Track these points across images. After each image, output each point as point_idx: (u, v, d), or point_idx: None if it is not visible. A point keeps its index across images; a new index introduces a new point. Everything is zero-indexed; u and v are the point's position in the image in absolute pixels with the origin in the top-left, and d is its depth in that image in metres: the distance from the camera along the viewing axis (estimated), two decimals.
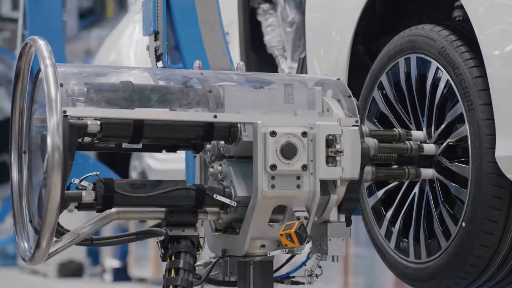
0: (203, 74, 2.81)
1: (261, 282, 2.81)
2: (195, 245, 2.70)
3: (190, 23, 3.31)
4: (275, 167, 2.66)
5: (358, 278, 9.01)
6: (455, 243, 2.86)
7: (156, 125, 2.66)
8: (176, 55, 3.27)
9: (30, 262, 2.62)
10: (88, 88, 2.66)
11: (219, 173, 2.78)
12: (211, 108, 2.73)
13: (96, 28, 14.07)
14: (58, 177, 2.47)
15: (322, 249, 2.80)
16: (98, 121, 2.60)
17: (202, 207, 2.71)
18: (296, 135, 2.68)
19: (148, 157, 4.90)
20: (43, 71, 2.54)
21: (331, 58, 3.36)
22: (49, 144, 2.47)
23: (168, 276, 2.65)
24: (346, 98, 2.84)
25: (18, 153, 2.81)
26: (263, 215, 2.69)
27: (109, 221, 2.68)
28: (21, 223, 2.76)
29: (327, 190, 2.74)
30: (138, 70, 2.95)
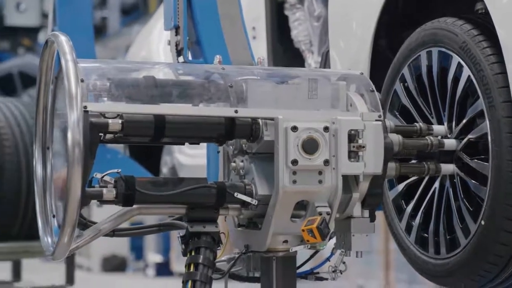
0: (225, 69, 2.80)
1: (284, 278, 2.80)
2: (215, 241, 2.69)
3: (211, 17, 3.30)
4: (296, 162, 2.64)
5: (400, 273, 8.98)
6: (474, 240, 2.83)
7: (177, 123, 2.65)
8: (197, 50, 3.27)
9: (52, 256, 2.63)
10: (110, 83, 2.66)
11: (241, 169, 2.78)
12: (233, 103, 2.72)
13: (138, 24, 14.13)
14: (79, 173, 2.48)
15: (345, 244, 2.78)
16: (119, 120, 2.60)
17: (223, 205, 2.70)
18: (317, 130, 2.67)
19: (178, 153, 4.91)
20: (63, 67, 2.55)
21: (353, 52, 3.34)
22: (69, 140, 2.48)
23: (187, 271, 2.65)
24: (369, 92, 2.82)
25: (42, 149, 2.82)
26: (285, 211, 2.68)
27: (130, 216, 2.68)
28: (44, 218, 2.77)
29: (350, 185, 2.72)
30: (159, 65, 2.95)
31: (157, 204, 2.68)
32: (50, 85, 2.79)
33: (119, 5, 15.40)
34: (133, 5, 15.52)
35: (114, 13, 15.35)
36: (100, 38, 14.72)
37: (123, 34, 14.10)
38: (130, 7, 15.59)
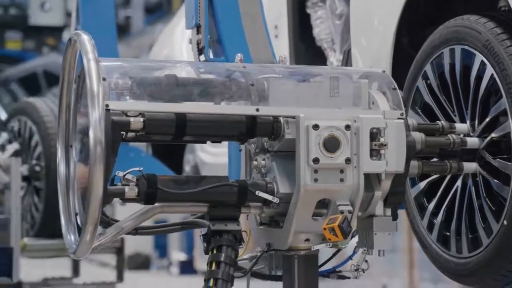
0: (246, 67, 2.80)
1: (306, 276, 2.80)
2: (237, 239, 2.69)
3: (232, 16, 3.31)
4: (317, 161, 2.64)
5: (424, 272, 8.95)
6: (496, 240, 2.81)
7: (198, 122, 2.66)
8: (218, 48, 3.27)
9: (74, 254, 2.65)
10: (131, 81, 2.67)
11: (262, 167, 2.78)
12: (254, 102, 2.72)
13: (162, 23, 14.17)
14: (101, 171, 2.49)
15: (368, 243, 2.77)
16: (141, 118, 2.60)
17: (244, 203, 2.70)
18: (339, 128, 2.66)
19: (200, 151, 4.92)
20: (85, 65, 2.56)
21: (374, 50, 3.33)
22: (91, 138, 2.49)
23: (209, 269, 2.65)
24: (391, 90, 2.81)
25: (65, 147, 2.83)
26: (306, 209, 2.68)
27: (152, 215, 2.69)
28: (68, 216, 2.79)
29: (372, 184, 2.72)
30: (181, 63, 2.95)
31: (179, 202, 2.68)
32: (73, 84, 2.81)
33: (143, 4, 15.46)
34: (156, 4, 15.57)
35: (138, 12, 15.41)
36: (124, 37, 14.78)
37: (147, 33, 14.15)
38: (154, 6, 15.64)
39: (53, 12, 14.60)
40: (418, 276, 9.36)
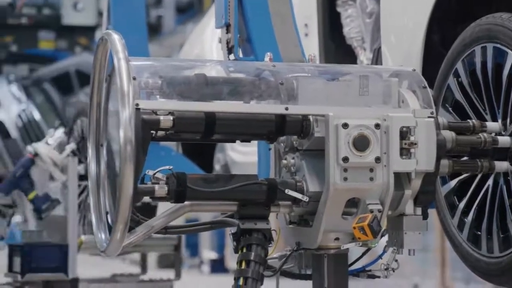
0: (275, 66, 2.80)
1: (335, 275, 2.79)
2: (267, 238, 2.69)
3: (262, 15, 3.31)
4: (347, 160, 2.64)
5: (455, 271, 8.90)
6: None
7: (228, 120, 2.66)
8: (248, 47, 3.27)
9: (105, 253, 2.66)
10: (161, 81, 2.68)
11: (292, 166, 2.77)
12: (283, 101, 2.72)
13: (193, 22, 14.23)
14: (131, 170, 2.50)
15: (398, 242, 2.76)
16: (170, 117, 2.61)
17: (274, 202, 2.70)
18: (369, 127, 2.66)
19: (230, 150, 4.93)
20: (116, 65, 2.57)
21: (405, 48, 3.32)
22: (121, 137, 2.50)
23: (239, 268, 2.65)
24: (422, 89, 2.80)
25: (96, 146, 2.85)
26: (336, 208, 2.68)
27: (182, 213, 2.70)
28: (98, 214, 2.81)
29: (402, 182, 2.71)
30: (211, 63, 2.96)
31: (208, 200, 2.69)
32: (103, 83, 2.82)
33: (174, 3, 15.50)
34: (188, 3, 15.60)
35: (169, 11, 15.45)
36: (156, 37, 14.83)
37: (178, 32, 14.19)
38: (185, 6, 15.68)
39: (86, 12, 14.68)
40: (450, 276, 9.31)
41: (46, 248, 4.33)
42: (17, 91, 12.45)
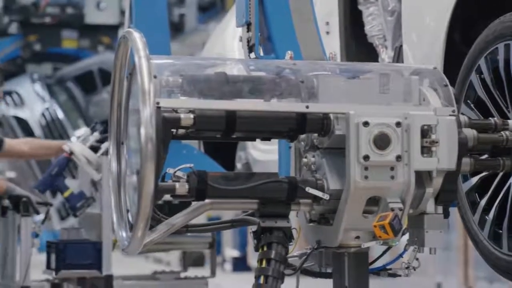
0: (296, 64, 2.80)
1: (356, 274, 2.79)
2: (287, 236, 2.69)
3: (283, 13, 3.30)
4: (368, 158, 2.63)
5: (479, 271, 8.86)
6: None
7: (248, 118, 2.66)
8: (269, 46, 3.27)
9: (126, 251, 2.67)
10: (182, 79, 2.68)
11: (312, 164, 2.77)
12: (304, 99, 2.71)
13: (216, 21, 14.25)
14: (152, 168, 2.51)
15: (419, 241, 2.75)
16: (191, 115, 2.62)
17: (294, 200, 2.70)
18: (389, 125, 2.65)
19: (252, 148, 4.93)
20: (136, 63, 2.58)
21: (426, 46, 3.30)
22: (142, 136, 2.50)
23: (259, 266, 2.65)
24: (443, 87, 2.79)
25: (117, 144, 2.86)
26: (357, 206, 2.67)
27: (203, 211, 2.70)
28: (119, 212, 2.81)
29: (423, 181, 2.70)
30: (231, 61, 2.96)
31: (229, 198, 2.69)
32: (124, 82, 2.83)
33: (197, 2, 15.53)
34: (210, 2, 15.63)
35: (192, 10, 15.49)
36: (178, 35, 14.87)
37: (200, 31, 14.22)
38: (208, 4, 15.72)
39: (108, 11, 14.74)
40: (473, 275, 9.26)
41: (80, 245, 4.37)
42: (41, 90, 12.53)
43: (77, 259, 4.21)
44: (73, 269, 4.20)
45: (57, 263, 4.20)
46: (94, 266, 4.20)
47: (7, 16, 15.14)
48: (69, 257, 4.20)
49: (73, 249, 4.20)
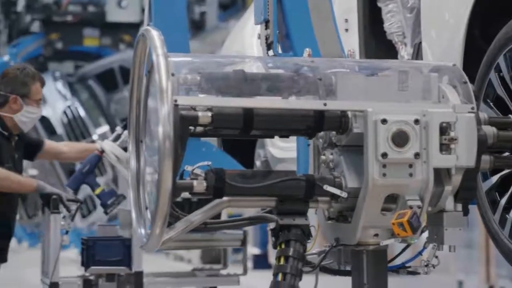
0: (314, 61, 2.79)
1: (375, 272, 2.78)
2: (305, 234, 2.69)
3: (301, 11, 3.29)
4: (386, 155, 2.62)
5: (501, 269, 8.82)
6: None
7: (266, 116, 2.66)
8: (287, 43, 3.26)
9: (144, 248, 2.68)
10: (200, 77, 2.69)
11: (330, 161, 2.77)
12: (321, 96, 2.71)
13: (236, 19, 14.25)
14: (169, 165, 2.51)
15: (438, 238, 2.74)
16: (209, 113, 2.62)
17: (312, 197, 2.69)
18: (408, 122, 2.64)
19: (270, 146, 4.93)
20: (154, 61, 2.58)
21: (445, 43, 3.29)
22: (160, 133, 2.51)
23: (278, 263, 2.65)
24: (462, 84, 2.77)
25: (136, 142, 2.87)
26: (375, 204, 2.66)
27: (220, 209, 2.70)
28: (138, 209, 2.82)
29: (442, 178, 2.69)
30: (249, 59, 2.96)
31: (247, 196, 2.69)
32: (143, 79, 2.84)
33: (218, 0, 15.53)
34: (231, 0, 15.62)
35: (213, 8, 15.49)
36: (199, 33, 14.87)
37: (221, 29, 14.22)
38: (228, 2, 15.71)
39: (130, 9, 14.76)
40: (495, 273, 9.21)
41: (109, 242, 4.39)
42: (63, 88, 12.58)
43: (106, 255, 4.23)
44: (103, 266, 4.22)
45: (87, 259, 4.22)
46: (123, 262, 4.22)
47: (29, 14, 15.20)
48: (99, 254, 4.23)
49: (103, 245, 4.23)
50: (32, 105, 4.33)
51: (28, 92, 4.32)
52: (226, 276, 4.90)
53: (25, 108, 4.30)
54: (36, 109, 4.36)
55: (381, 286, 2.77)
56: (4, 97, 4.31)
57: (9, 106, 4.30)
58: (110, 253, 4.24)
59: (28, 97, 4.32)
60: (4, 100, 4.31)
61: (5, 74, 4.37)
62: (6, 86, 4.32)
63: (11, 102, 4.30)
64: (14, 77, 4.33)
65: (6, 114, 4.30)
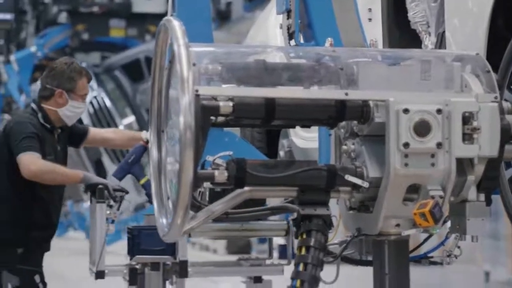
0: (335, 51, 2.78)
1: (396, 262, 2.77)
2: (327, 224, 2.68)
3: (323, 0, 3.27)
4: (408, 145, 2.61)
5: None
6: None
7: (287, 106, 2.65)
8: (309, 33, 3.25)
9: (166, 237, 2.68)
10: (221, 67, 2.68)
11: (352, 151, 2.76)
12: (343, 86, 2.70)
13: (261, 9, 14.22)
14: (191, 155, 2.51)
15: (460, 229, 2.73)
16: (230, 103, 2.62)
17: (333, 187, 2.69)
18: (430, 112, 2.62)
19: (294, 136, 4.92)
20: (176, 51, 2.58)
21: (469, 31, 3.26)
22: (181, 123, 2.51)
23: (299, 253, 2.65)
24: (485, 73, 2.75)
25: (157, 132, 2.87)
26: (397, 194, 2.65)
27: (242, 199, 2.70)
28: (160, 199, 2.82)
29: (465, 168, 2.67)
30: (271, 48, 2.95)
31: (268, 186, 2.69)
32: (164, 70, 2.84)
33: None
34: None
35: None
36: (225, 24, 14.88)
37: (247, 19, 14.21)
38: None
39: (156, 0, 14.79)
40: None
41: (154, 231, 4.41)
42: None
43: (151, 244, 4.25)
44: (147, 255, 4.25)
45: (132, 248, 4.26)
46: (167, 251, 4.25)
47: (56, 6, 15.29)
48: (144, 243, 4.26)
49: (148, 235, 4.25)
50: (77, 100, 4.34)
51: (74, 87, 4.34)
52: (271, 266, 4.90)
53: (70, 102, 4.32)
54: (81, 104, 4.38)
55: (402, 276, 2.76)
56: (50, 91, 4.33)
57: (55, 100, 4.32)
58: (155, 242, 4.26)
59: (73, 92, 4.33)
60: (50, 93, 4.33)
61: (52, 68, 4.38)
62: (53, 80, 4.34)
63: (57, 96, 4.31)
64: (61, 71, 4.34)
65: (51, 107, 4.32)
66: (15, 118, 4.43)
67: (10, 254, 4.21)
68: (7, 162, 4.24)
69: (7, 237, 4.23)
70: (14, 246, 4.23)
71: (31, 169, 4.16)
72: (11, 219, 4.24)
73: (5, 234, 4.23)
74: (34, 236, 4.26)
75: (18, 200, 4.25)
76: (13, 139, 4.22)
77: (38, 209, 4.28)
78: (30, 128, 4.23)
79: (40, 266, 4.31)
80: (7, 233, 4.23)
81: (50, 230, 4.36)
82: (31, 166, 4.16)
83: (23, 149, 4.17)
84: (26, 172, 4.16)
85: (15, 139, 4.21)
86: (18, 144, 4.19)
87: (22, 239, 4.24)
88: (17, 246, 4.22)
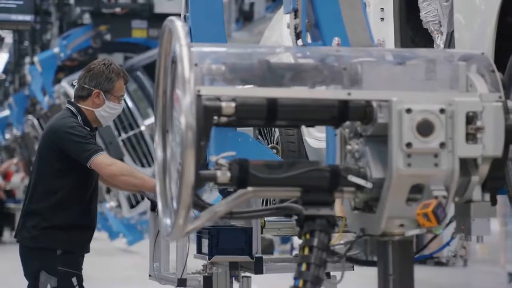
0: (340, 51, 2.77)
1: (400, 262, 2.76)
2: (330, 224, 2.68)
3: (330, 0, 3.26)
4: (410, 145, 2.60)
5: None
6: None
7: (290, 106, 2.64)
8: (316, 33, 3.24)
9: (169, 238, 2.69)
10: (224, 67, 2.68)
11: (356, 151, 2.75)
12: (346, 86, 2.69)
13: None
14: (192, 156, 2.52)
15: (465, 229, 2.71)
16: (233, 103, 2.61)
17: (337, 188, 2.68)
18: (433, 112, 2.61)
19: (306, 136, 4.91)
20: (177, 51, 2.59)
21: (477, 30, 3.24)
22: (182, 124, 2.52)
23: (302, 254, 2.65)
24: (490, 73, 2.73)
25: (162, 132, 2.88)
26: (400, 194, 2.64)
27: (245, 199, 2.69)
28: (164, 200, 2.83)
29: (469, 168, 2.65)
30: (276, 48, 2.95)
31: (270, 187, 2.69)
32: (168, 70, 2.84)
33: None
34: None
35: None
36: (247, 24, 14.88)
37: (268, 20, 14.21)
38: None
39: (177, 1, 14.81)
40: None
41: (232, 230, 4.45)
42: None
43: (230, 244, 4.28)
44: (226, 254, 4.29)
45: (211, 248, 4.29)
46: (245, 251, 4.28)
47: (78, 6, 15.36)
48: (222, 242, 4.28)
49: (226, 234, 4.28)
50: (114, 101, 4.32)
51: (111, 88, 4.31)
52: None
53: (107, 103, 4.30)
54: (117, 105, 4.35)
55: (407, 277, 2.74)
56: (88, 91, 4.31)
57: (92, 100, 4.30)
58: (233, 241, 4.29)
59: (111, 92, 4.31)
60: (87, 94, 4.31)
61: (90, 68, 4.35)
62: (91, 80, 4.31)
63: (94, 96, 4.29)
64: (99, 72, 4.32)
65: (88, 107, 4.30)
66: (62, 123, 4.28)
67: (49, 255, 4.19)
68: (55, 166, 4.19)
69: (49, 238, 4.20)
70: (54, 247, 4.20)
71: (113, 170, 4.13)
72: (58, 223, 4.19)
73: (48, 235, 4.20)
74: (76, 237, 4.24)
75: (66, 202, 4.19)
76: (74, 147, 4.15)
77: (84, 210, 4.26)
78: (84, 131, 4.20)
79: (80, 268, 4.28)
80: (49, 235, 4.20)
81: (90, 231, 4.34)
82: (112, 166, 4.13)
83: (93, 152, 4.12)
84: (106, 172, 4.12)
85: (76, 146, 4.14)
86: (83, 149, 4.12)
87: (63, 240, 4.21)
88: (57, 247, 4.20)
